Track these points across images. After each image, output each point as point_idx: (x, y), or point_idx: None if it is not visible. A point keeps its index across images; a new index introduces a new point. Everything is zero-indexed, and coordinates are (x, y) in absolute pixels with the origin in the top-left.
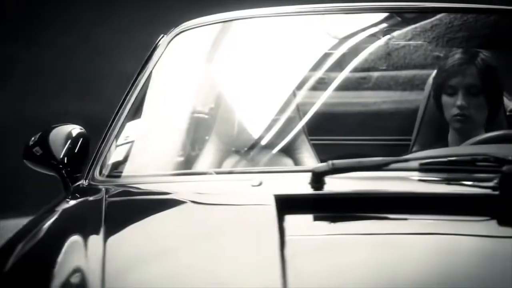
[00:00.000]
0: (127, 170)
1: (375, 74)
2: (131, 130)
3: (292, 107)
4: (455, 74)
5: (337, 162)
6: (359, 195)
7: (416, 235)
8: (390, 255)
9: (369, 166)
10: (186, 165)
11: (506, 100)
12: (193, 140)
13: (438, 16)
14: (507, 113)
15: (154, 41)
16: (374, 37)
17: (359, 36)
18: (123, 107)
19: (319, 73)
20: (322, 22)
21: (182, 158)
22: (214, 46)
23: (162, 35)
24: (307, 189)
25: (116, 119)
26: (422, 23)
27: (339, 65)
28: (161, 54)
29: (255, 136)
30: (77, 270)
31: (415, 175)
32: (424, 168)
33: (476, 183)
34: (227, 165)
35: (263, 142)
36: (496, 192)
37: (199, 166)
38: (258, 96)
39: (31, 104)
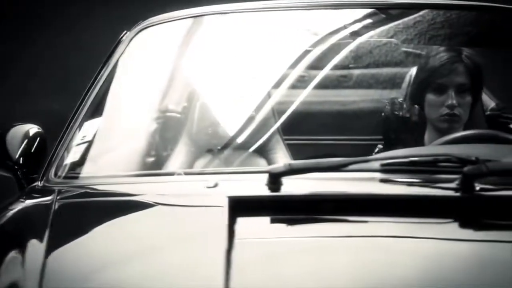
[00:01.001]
0: (85, 171)
1: (356, 72)
2: (90, 129)
3: (267, 106)
4: (446, 72)
5: (294, 163)
6: (317, 196)
7: (375, 238)
8: (346, 259)
9: (327, 167)
10: (148, 165)
11: (486, 99)
12: (157, 139)
13: (421, 13)
14: (487, 113)
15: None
16: (355, 34)
17: (340, 33)
18: (82, 105)
19: (296, 71)
20: (298, 18)
21: (143, 159)
22: (180, 43)
23: (125, 31)
24: (263, 191)
25: (74, 118)
26: (406, 19)
27: (317, 63)
28: (123, 51)
29: (227, 136)
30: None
31: (376, 176)
32: (386, 169)
33: (438, 184)
34: (198, 165)
35: (236, 142)
36: (458, 194)
37: (169, 166)
38: (230, 95)
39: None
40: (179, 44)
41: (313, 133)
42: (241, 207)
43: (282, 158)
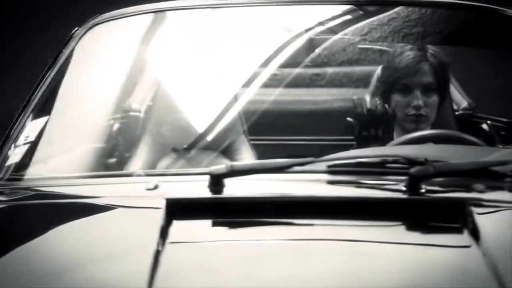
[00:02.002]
0: (29, 172)
1: (330, 70)
2: (37, 129)
3: (232, 106)
4: (411, 72)
5: (236, 164)
6: (259, 199)
7: (319, 241)
8: (286, 263)
9: (271, 168)
10: (95, 167)
11: (459, 99)
12: (107, 140)
13: (396, 10)
14: (459, 112)
15: None
16: (331, 31)
17: (312, 31)
18: (28, 104)
19: (264, 69)
20: (267, 14)
21: (91, 160)
22: (135, 40)
23: (76, 28)
24: (204, 193)
25: (20, 117)
26: (380, 16)
27: (289, 61)
28: (73, 48)
29: (191, 136)
30: None
31: (323, 177)
32: (333, 171)
33: (385, 186)
34: (161, 166)
35: (200, 143)
36: (404, 196)
37: (128, 167)
38: (191, 95)
39: None
40: (133, 41)
41: (283, 133)
42: (178, 209)
43: (247, 160)
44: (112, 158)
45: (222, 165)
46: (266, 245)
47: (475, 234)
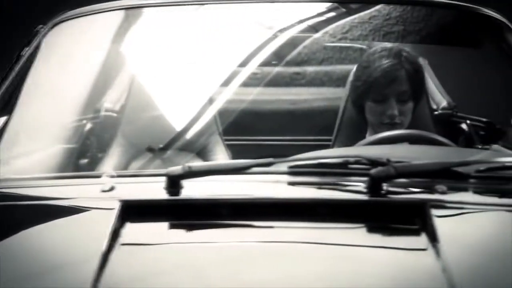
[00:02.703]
0: None
1: (310, 69)
2: None
3: (206, 105)
4: (386, 82)
5: (194, 165)
6: (216, 201)
7: (277, 243)
8: (244, 267)
9: (229, 169)
10: (52, 167)
11: (439, 98)
12: (72, 140)
13: (377, 7)
14: (438, 112)
15: None
16: (312, 29)
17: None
18: None
19: (242, 68)
20: (247, 11)
21: (51, 160)
22: (105, 37)
23: (40, 25)
24: (160, 194)
25: None
26: (361, 14)
27: (270, 59)
28: (38, 46)
29: (165, 136)
30: None
31: (284, 179)
32: (294, 172)
33: (347, 187)
34: (133, 167)
35: (175, 143)
36: (364, 197)
37: (101, 167)
38: (166, 94)
39: None
40: (102, 38)
41: (261, 133)
42: (132, 211)
43: (221, 160)
44: (75, 159)
45: (179, 166)
46: (221, 248)
47: (432, 236)
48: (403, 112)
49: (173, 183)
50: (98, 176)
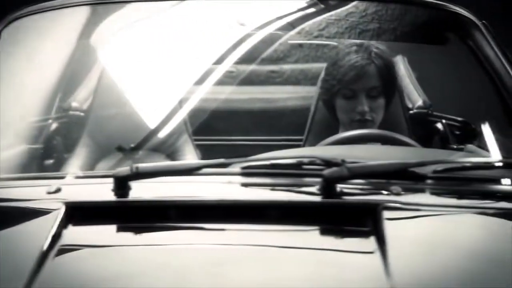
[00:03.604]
0: None
1: (285, 67)
2: None
3: (177, 104)
4: (355, 78)
5: (142, 166)
6: (164, 202)
7: (229, 246)
8: (191, 269)
9: (178, 170)
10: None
11: (415, 97)
12: (28, 140)
13: (354, 3)
14: (413, 111)
15: None
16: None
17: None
18: None
19: (214, 67)
20: (222, 7)
21: (16, 161)
22: (66, 33)
23: None
24: (106, 196)
25: None
26: (338, 10)
27: (245, 57)
28: None
29: (133, 137)
30: None
31: (238, 180)
32: (247, 173)
33: (301, 188)
34: (99, 168)
35: (144, 143)
36: (318, 199)
37: (66, 168)
38: (134, 92)
39: None
40: (64, 35)
41: (233, 133)
42: (76, 213)
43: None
44: (39, 160)
45: (126, 167)
46: (167, 252)
47: (381, 238)
48: (374, 108)
49: (121, 185)
50: (46, 178)
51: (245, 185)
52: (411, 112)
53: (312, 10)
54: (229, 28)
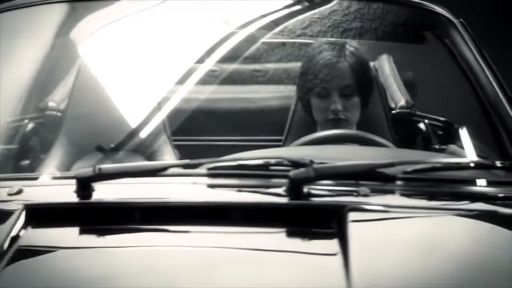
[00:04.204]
0: None
1: (270, 66)
2: None
3: (156, 104)
4: (327, 75)
5: (105, 167)
6: (126, 204)
7: (192, 248)
8: (150, 273)
9: (143, 171)
10: None
11: (398, 96)
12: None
13: (336, 1)
14: (395, 111)
15: None
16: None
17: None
18: None
19: (195, 66)
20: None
21: None
22: (44, 30)
23: None
24: (68, 197)
25: None
26: (322, 8)
27: (227, 56)
28: None
29: (111, 137)
30: None
31: (204, 181)
32: (214, 174)
33: (267, 190)
34: (75, 169)
35: (120, 144)
36: (284, 200)
37: (42, 169)
38: (111, 91)
39: None
40: (36, 33)
41: (214, 133)
42: (36, 215)
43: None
44: (15, 160)
45: (89, 168)
46: (128, 254)
47: (344, 241)
48: (348, 107)
49: (83, 186)
50: (8, 179)
51: (211, 186)
52: (393, 112)
53: (296, 8)
54: (211, 27)
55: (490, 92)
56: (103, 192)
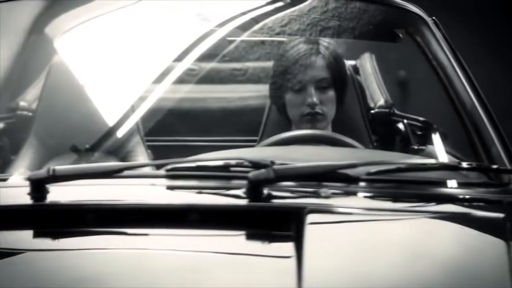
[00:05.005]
0: None
1: (250, 65)
2: None
3: (128, 104)
4: (302, 68)
5: (58, 168)
6: (81, 206)
7: (148, 251)
8: (109, 276)
9: (98, 173)
10: None
11: (378, 95)
12: None
13: None
14: (374, 110)
15: None
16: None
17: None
18: None
19: (170, 65)
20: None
21: None
22: (9, 29)
23: None
24: (22, 200)
25: None
26: (301, 5)
27: (205, 54)
28: None
29: (83, 137)
30: None
31: (162, 182)
32: (172, 175)
33: (227, 192)
34: None
35: (99, 144)
36: (243, 202)
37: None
38: (83, 90)
39: None
40: (6, 30)
41: (189, 133)
42: None
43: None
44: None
45: (43, 169)
46: (79, 256)
47: (300, 244)
48: (324, 101)
49: (37, 188)
50: None
51: (170, 188)
52: (372, 111)
53: (276, 5)
54: (189, 25)
55: (460, 90)
56: (60, 193)
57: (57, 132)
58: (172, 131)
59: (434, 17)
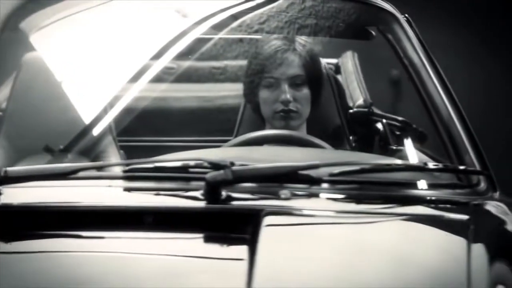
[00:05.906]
0: None
1: (228, 63)
2: None
3: (101, 103)
4: (276, 64)
5: (11, 169)
6: (35, 208)
7: (103, 254)
8: (60, 278)
9: (53, 173)
10: None
11: (357, 94)
12: None
13: None
14: (352, 110)
15: None
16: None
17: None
18: None
19: (147, 63)
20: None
21: None
22: None
23: None
24: None
25: None
26: (279, 2)
27: (183, 53)
28: None
29: (55, 137)
30: None
31: (119, 183)
32: (130, 176)
33: (185, 193)
34: None
35: (72, 145)
36: (200, 204)
37: None
38: (55, 88)
39: None
40: None
41: (164, 133)
42: None
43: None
44: None
45: None
46: (31, 260)
47: (254, 246)
48: (298, 99)
49: None
50: None
51: (127, 189)
52: (350, 111)
53: (254, 3)
54: (167, 22)
55: (431, 89)
56: (12, 196)
57: (28, 132)
58: (148, 131)
59: (406, 15)
